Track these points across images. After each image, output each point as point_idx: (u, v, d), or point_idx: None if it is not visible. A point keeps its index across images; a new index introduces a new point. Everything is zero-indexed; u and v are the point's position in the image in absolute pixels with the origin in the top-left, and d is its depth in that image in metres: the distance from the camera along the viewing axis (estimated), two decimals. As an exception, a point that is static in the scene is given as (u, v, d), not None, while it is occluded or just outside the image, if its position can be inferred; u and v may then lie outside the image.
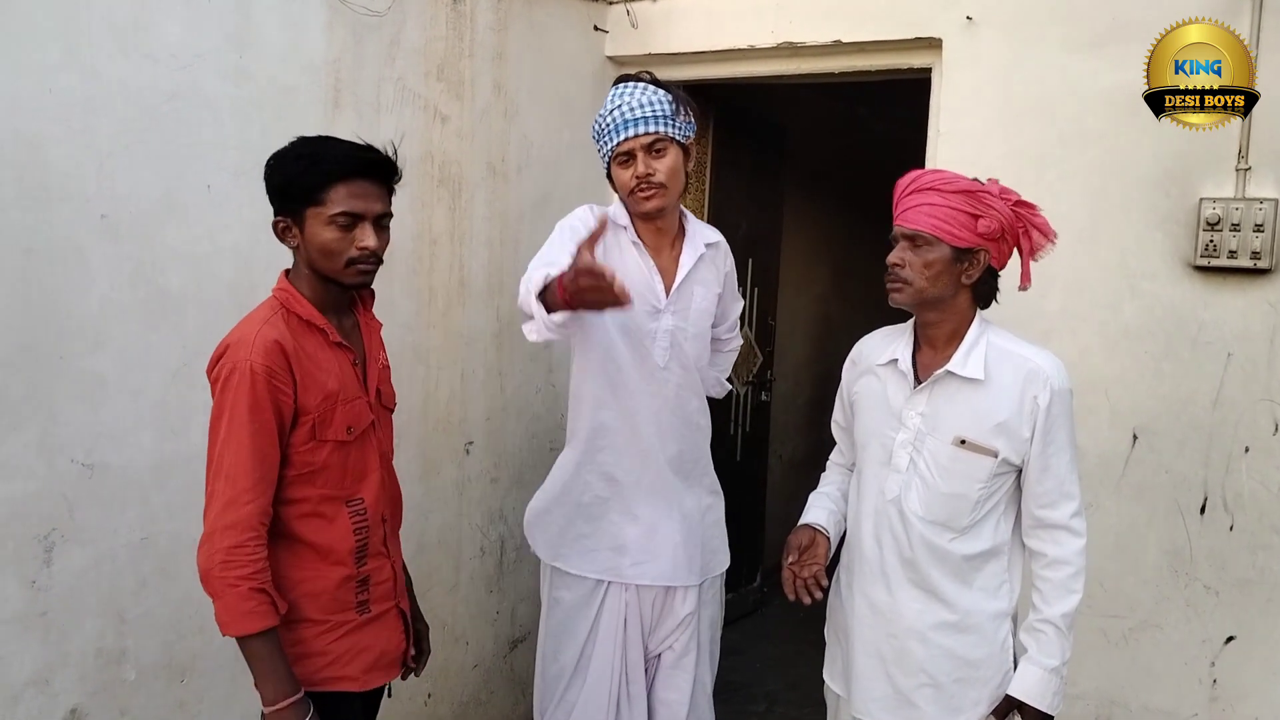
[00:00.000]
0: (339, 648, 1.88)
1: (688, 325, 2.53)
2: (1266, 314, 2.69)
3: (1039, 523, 1.99)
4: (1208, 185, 2.72)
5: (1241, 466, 2.74)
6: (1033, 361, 1.95)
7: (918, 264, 1.94)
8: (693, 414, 2.60)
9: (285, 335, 1.79)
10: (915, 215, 1.94)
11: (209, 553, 1.71)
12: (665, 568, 2.53)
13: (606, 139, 2.43)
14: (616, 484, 2.54)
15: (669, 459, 2.54)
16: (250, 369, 1.73)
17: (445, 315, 3.07)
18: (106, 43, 2.12)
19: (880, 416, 2.06)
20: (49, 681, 2.09)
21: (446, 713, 3.22)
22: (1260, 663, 2.73)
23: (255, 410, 1.73)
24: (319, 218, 1.80)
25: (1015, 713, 1.98)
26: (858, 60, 3.33)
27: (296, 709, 1.74)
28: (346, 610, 1.89)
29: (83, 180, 2.10)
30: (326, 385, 1.83)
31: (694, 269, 2.54)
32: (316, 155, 1.81)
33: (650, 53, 3.59)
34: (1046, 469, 1.95)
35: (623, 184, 2.45)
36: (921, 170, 2.02)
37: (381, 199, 1.86)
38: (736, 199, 4.44)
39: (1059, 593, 1.97)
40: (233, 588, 1.70)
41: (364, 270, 1.85)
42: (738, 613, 4.77)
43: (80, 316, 2.11)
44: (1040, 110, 2.93)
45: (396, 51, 2.82)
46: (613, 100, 2.43)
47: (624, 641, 2.55)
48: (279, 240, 1.87)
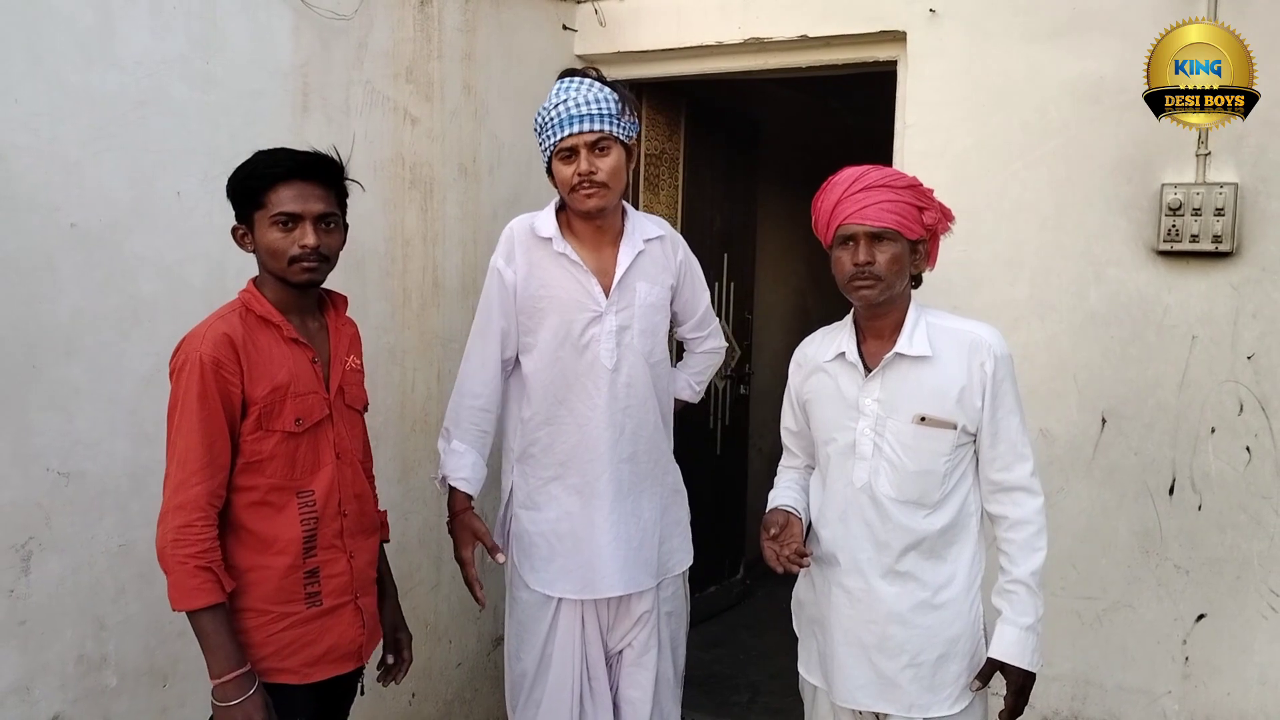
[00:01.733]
0: (282, 639, 1.93)
1: (633, 322, 2.52)
2: (1229, 296, 2.74)
3: (997, 487, 2.04)
4: (1169, 171, 2.77)
5: (1208, 447, 2.78)
6: (973, 333, 2.03)
7: (884, 260, 1.99)
8: (648, 413, 2.57)
9: (236, 329, 1.89)
10: (876, 213, 1.98)
11: (162, 531, 1.83)
12: (624, 578, 2.53)
13: (550, 134, 2.42)
14: (577, 500, 2.54)
15: (624, 461, 2.53)
16: (199, 360, 1.84)
17: (420, 316, 3.08)
18: (71, 51, 2.12)
19: (837, 409, 2.10)
20: (29, 690, 2.09)
21: (431, 712, 3.24)
22: (1231, 639, 2.78)
23: (204, 399, 1.83)
24: (264, 220, 1.92)
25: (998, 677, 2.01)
26: (824, 54, 3.37)
27: (240, 682, 1.83)
28: (294, 601, 1.95)
29: (51, 189, 2.09)
30: (275, 377, 1.92)
31: (634, 265, 2.53)
32: (259, 161, 1.94)
33: (619, 51, 3.61)
34: (998, 433, 2.01)
35: (563, 180, 2.44)
36: (862, 168, 2.04)
37: (323, 199, 1.96)
38: (710, 194, 4.46)
39: (1025, 552, 2.01)
40: (181, 565, 1.80)
41: (308, 268, 1.94)
42: (720, 605, 4.80)
43: (52, 325, 2.11)
44: (1004, 101, 2.97)
45: (364, 54, 2.83)
46: (557, 94, 2.43)
47: (582, 641, 2.57)
48: (239, 246, 1.99)
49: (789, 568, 2.02)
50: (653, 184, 4.05)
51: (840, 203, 2.01)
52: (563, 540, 2.54)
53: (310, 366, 1.99)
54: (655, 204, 4.05)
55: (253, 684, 1.85)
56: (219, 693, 1.83)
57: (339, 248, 2.02)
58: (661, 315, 2.60)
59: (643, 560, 2.56)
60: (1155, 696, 2.87)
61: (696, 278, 2.74)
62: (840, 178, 2.05)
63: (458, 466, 2.53)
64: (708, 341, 2.84)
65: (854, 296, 2.04)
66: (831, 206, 2.03)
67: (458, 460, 2.53)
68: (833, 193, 2.04)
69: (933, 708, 2.03)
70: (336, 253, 2.02)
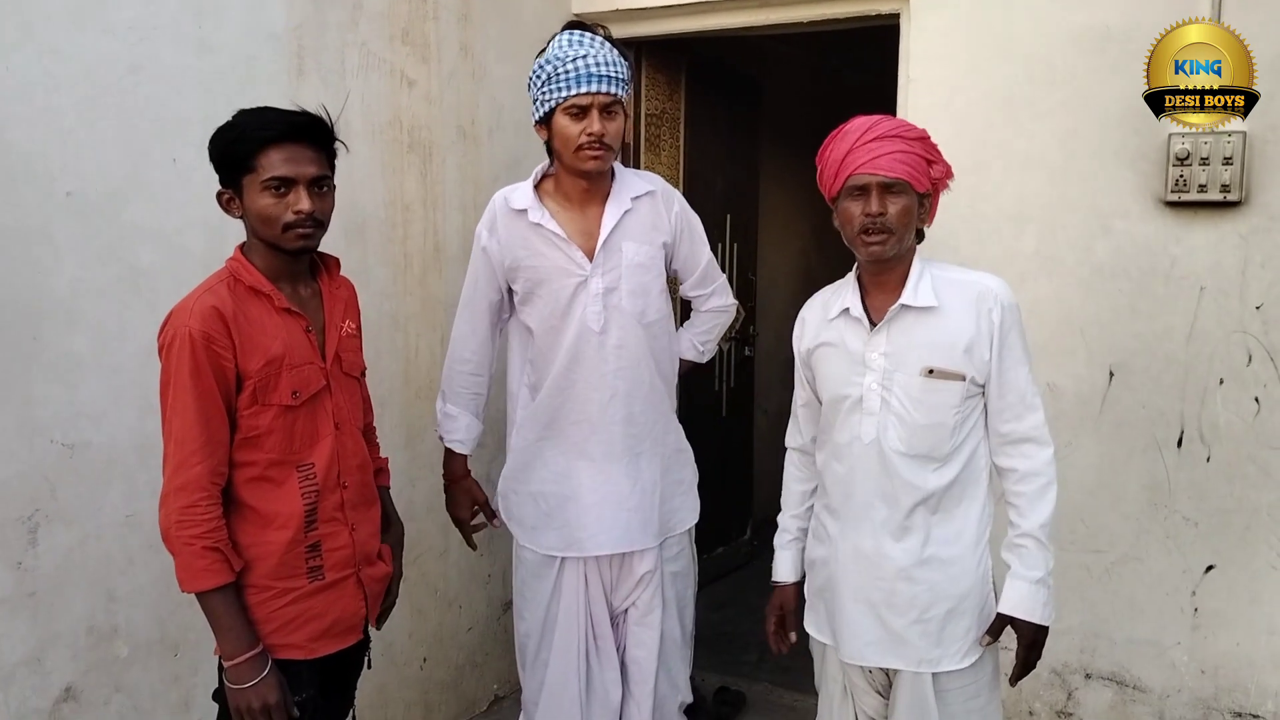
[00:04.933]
0: (285, 614, 1.90)
1: (620, 284, 2.50)
2: (1237, 246, 2.71)
3: (1006, 439, 2.02)
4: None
5: (1217, 398, 2.77)
6: (980, 283, 2.00)
7: (896, 211, 1.95)
8: (642, 374, 2.56)
9: (225, 301, 1.82)
10: (888, 163, 1.93)
11: (165, 513, 1.79)
12: (617, 535, 2.55)
13: (559, 86, 2.36)
14: (566, 460, 2.56)
15: (619, 423, 2.53)
16: (189, 335, 1.77)
17: (421, 282, 3.06)
18: (63, 18, 2.09)
19: (844, 366, 2.06)
20: (41, 661, 2.10)
21: (443, 676, 3.26)
22: (1240, 590, 2.78)
23: (197, 375, 1.78)
24: (254, 185, 1.84)
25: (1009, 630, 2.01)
26: (826, 8, 3.31)
27: (254, 663, 1.81)
28: (296, 576, 1.91)
29: (46, 159, 2.07)
30: (269, 349, 1.86)
31: (619, 225, 2.50)
32: (246, 124, 1.85)
33: (618, 9, 3.55)
34: (1006, 383, 1.99)
35: (567, 137, 2.40)
36: (874, 117, 2.00)
37: (316, 162, 1.88)
38: (712, 154, 4.42)
39: (1034, 504, 2.00)
40: (188, 546, 1.77)
41: (302, 234, 1.87)
42: (729, 565, 4.82)
43: (52, 297, 2.10)
44: (1009, 52, 2.92)
45: (359, 16, 2.79)
46: (574, 47, 2.38)
47: (587, 600, 2.59)
48: (225, 212, 1.91)
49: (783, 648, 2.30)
50: (653, 144, 4.01)
51: (852, 152, 1.96)
52: (548, 500, 2.57)
53: (304, 336, 1.93)
54: (656, 164, 4.01)
55: (266, 665, 1.82)
56: (232, 674, 1.81)
57: (331, 211, 1.96)
58: (652, 274, 2.56)
59: (640, 520, 2.57)
60: (1164, 648, 2.88)
61: (695, 232, 2.70)
62: (851, 126, 2.00)
63: (452, 429, 2.65)
64: (712, 299, 2.79)
65: (863, 251, 1.99)
66: (842, 156, 1.97)
67: (452, 423, 2.65)
68: (843, 142, 1.99)
69: (941, 663, 2.02)
70: (329, 217, 1.95)
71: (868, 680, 2.13)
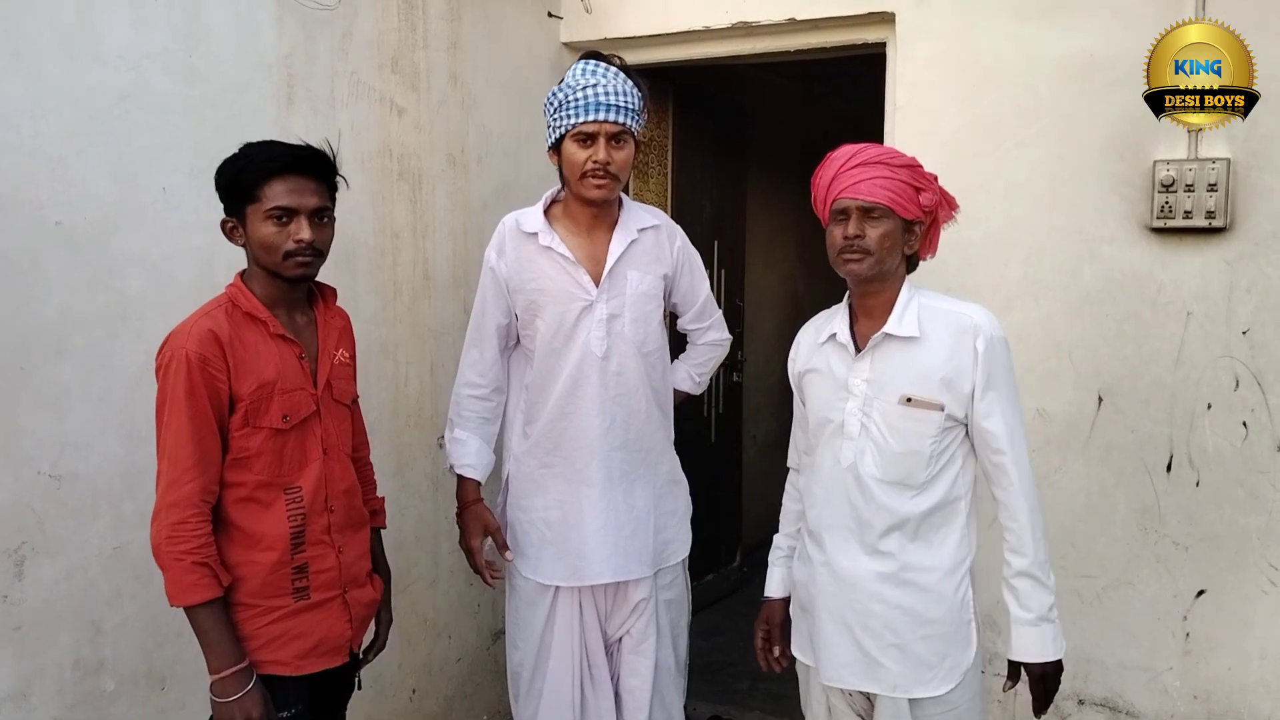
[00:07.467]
0: (270, 632, 1.94)
1: (624, 311, 2.53)
2: (1223, 272, 2.73)
3: (995, 469, 2.02)
4: (1161, 148, 2.76)
5: (1205, 423, 2.78)
6: (965, 315, 2.01)
7: (875, 235, 1.99)
8: (639, 402, 2.57)
9: (222, 325, 1.90)
10: (869, 188, 1.98)
11: (157, 529, 1.84)
12: (617, 564, 2.54)
13: (570, 113, 2.41)
14: (569, 487, 2.55)
15: (615, 449, 2.54)
16: (185, 356, 1.84)
17: (411, 309, 3.06)
18: (52, 46, 2.08)
19: (829, 390, 2.10)
20: (27, 695, 2.06)
21: (433, 707, 3.22)
22: (1230, 614, 2.79)
23: (191, 395, 1.84)
24: (257, 214, 1.92)
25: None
26: (812, 37, 3.34)
27: (239, 677, 1.85)
28: (281, 595, 1.96)
29: (35, 187, 2.06)
30: (263, 374, 1.92)
31: (626, 254, 2.54)
32: (253, 155, 1.93)
33: (605, 37, 3.58)
34: (992, 415, 1.99)
35: (574, 164, 2.44)
36: (859, 145, 2.05)
37: (317, 194, 1.96)
38: (699, 181, 4.44)
39: (1023, 539, 2.00)
40: (178, 561, 1.82)
41: (302, 263, 1.94)
42: (719, 593, 4.80)
43: (39, 325, 2.08)
44: (995, 80, 2.95)
45: (349, 45, 2.79)
46: (585, 76, 2.42)
47: (581, 628, 2.58)
48: (228, 240, 1.98)
49: (774, 668, 2.33)
50: (642, 171, 4.03)
51: (836, 177, 2.02)
52: (552, 528, 2.56)
53: (297, 362, 1.99)
54: (645, 192, 4.03)
55: (250, 679, 1.87)
56: (217, 688, 1.84)
57: (331, 241, 2.03)
58: (654, 305, 2.60)
59: (635, 549, 2.56)
60: (1156, 673, 2.87)
61: (695, 267, 2.75)
62: (837, 154, 2.06)
63: (462, 454, 2.60)
64: (709, 333, 2.84)
65: (843, 270, 2.03)
66: (827, 182, 2.04)
67: (461, 448, 2.60)
68: (829, 168, 2.05)
69: (916, 689, 2.02)
70: (329, 246, 2.02)
71: (848, 703, 2.14)
